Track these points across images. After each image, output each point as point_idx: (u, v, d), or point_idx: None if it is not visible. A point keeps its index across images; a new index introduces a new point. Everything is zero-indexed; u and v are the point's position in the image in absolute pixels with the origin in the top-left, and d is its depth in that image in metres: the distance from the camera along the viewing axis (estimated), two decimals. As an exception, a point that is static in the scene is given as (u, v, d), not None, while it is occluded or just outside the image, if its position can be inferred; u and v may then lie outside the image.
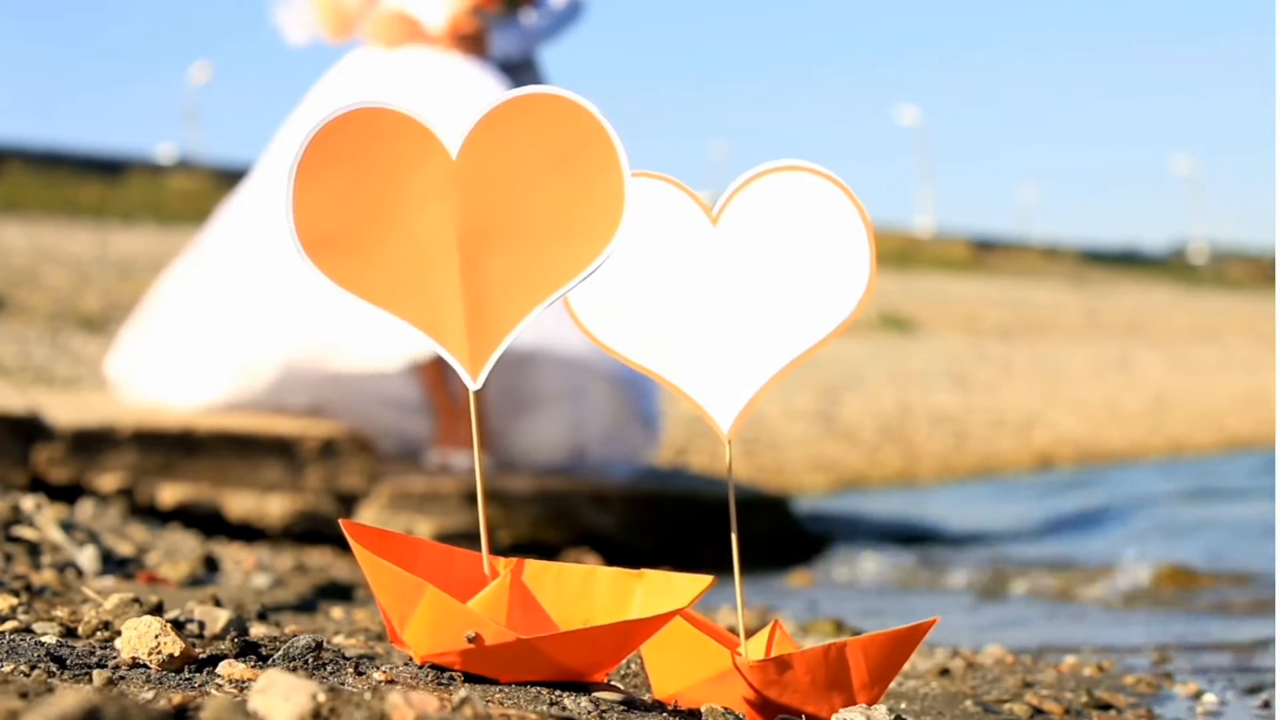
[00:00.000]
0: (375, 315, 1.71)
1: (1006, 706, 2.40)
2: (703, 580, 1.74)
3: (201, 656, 1.75)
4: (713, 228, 1.86)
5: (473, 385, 1.74)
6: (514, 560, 1.77)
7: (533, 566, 1.78)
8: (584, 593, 1.78)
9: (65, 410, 5.70)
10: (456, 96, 5.88)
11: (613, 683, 1.76)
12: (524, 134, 1.71)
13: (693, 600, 1.73)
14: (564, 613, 1.76)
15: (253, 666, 1.67)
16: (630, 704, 1.68)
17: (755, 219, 1.85)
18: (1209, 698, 2.63)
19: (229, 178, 19.39)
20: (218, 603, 2.57)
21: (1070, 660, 3.00)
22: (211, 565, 3.43)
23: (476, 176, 1.71)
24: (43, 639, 1.86)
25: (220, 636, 2.06)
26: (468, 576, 1.76)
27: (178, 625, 2.10)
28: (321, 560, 4.92)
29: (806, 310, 1.84)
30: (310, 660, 1.71)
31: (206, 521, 5.45)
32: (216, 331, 6.06)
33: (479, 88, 6.05)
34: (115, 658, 1.72)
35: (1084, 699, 2.51)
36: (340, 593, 3.69)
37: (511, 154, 1.71)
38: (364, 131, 1.68)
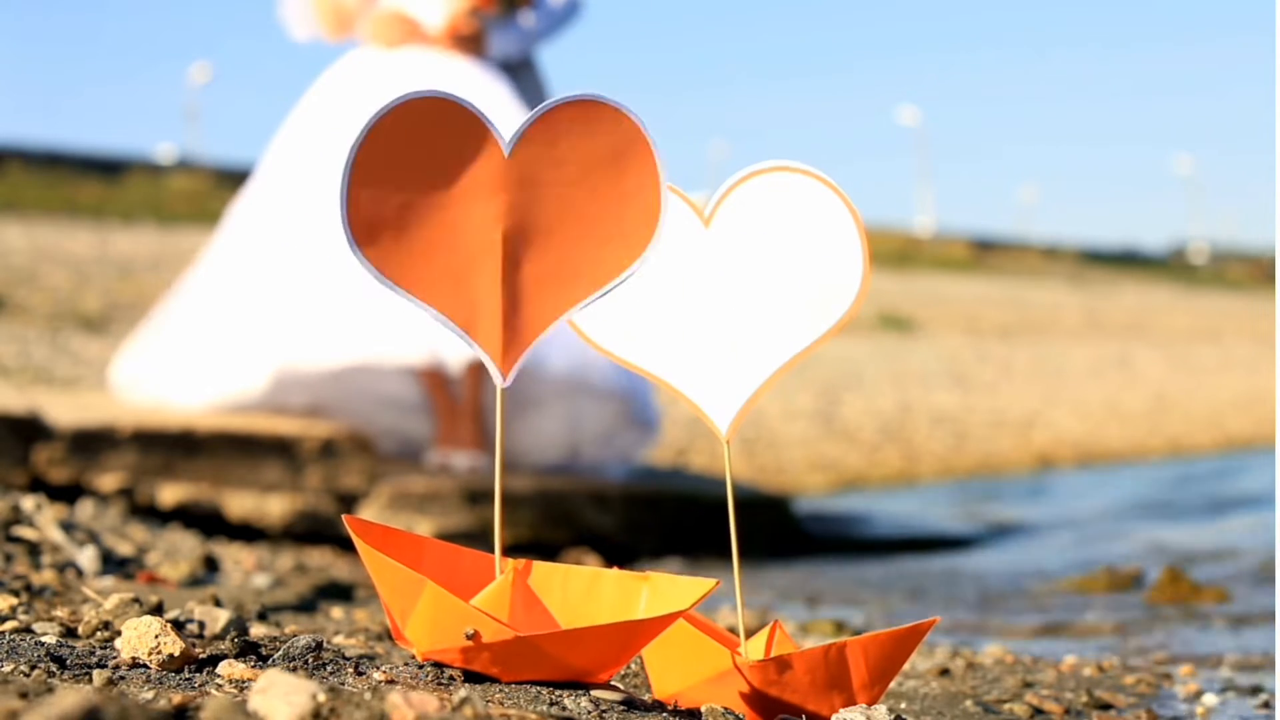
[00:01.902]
0: (414, 309, 1.71)
1: (1006, 706, 2.40)
2: (706, 583, 1.74)
3: (201, 656, 1.75)
4: (705, 229, 1.86)
5: (503, 383, 1.74)
6: (522, 561, 1.77)
7: (540, 568, 1.78)
8: (590, 595, 1.78)
9: (65, 410, 5.69)
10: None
11: (613, 683, 1.76)
12: (574, 137, 1.73)
13: (696, 603, 1.73)
14: (571, 615, 1.76)
15: (253, 666, 1.67)
16: (630, 704, 1.68)
17: (747, 220, 1.85)
18: (1209, 698, 2.63)
19: (229, 178, 19.43)
20: (218, 603, 2.57)
21: (1070, 660, 3.00)
22: (211, 565, 3.43)
23: (527, 175, 1.72)
24: (43, 639, 1.86)
25: (220, 636, 2.06)
26: (475, 576, 1.76)
27: (178, 625, 2.09)
28: (321, 560, 4.93)
29: (801, 310, 1.84)
30: (310, 660, 1.71)
31: (206, 521, 5.45)
32: (215, 333, 6.06)
33: (478, 88, 6.04)
34: (115, 658, 1.72)
35: (1084, 699, 2.51)
36: (340, 593, 3.69)
37: (562, 156, 1.73)
38: (424, 121, 1.67)
